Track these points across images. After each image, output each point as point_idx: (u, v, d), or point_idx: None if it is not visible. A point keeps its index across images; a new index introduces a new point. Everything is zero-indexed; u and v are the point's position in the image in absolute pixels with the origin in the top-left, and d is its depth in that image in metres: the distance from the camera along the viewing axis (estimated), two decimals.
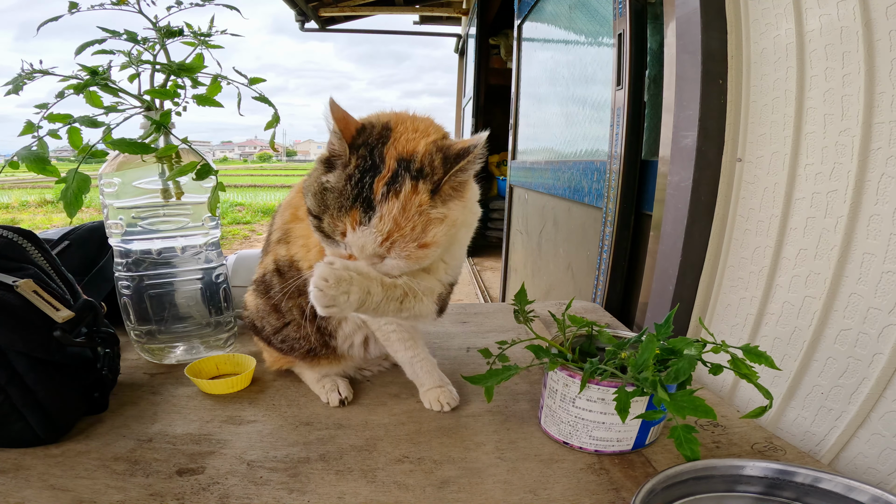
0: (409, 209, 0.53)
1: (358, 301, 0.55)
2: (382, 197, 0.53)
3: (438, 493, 0.54)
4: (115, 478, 0.55)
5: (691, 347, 0.56)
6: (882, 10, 0.58)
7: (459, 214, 0.57)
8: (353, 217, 0.54)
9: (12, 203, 9.20)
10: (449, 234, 0.57)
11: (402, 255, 0.55)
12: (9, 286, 0.59)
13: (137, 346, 0.85)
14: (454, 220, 0.57)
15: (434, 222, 0.55)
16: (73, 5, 0.72)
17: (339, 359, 0.76)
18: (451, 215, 0.56)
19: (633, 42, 1.19)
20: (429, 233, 0.55)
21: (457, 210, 0.57)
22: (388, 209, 0.53)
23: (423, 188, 0.54)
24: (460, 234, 0.65)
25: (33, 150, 0.65)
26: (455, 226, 0.57)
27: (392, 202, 0.53)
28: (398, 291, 0.59)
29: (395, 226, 0.53)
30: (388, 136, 0.56)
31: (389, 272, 0.58)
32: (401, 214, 0.53)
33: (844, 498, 0.46)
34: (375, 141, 0.56)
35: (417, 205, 0.53)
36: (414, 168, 0.54)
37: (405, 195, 0.53)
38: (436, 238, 0.55)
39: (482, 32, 4.49)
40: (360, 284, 0.55)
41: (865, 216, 0.61)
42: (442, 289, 0.66)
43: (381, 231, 0.53)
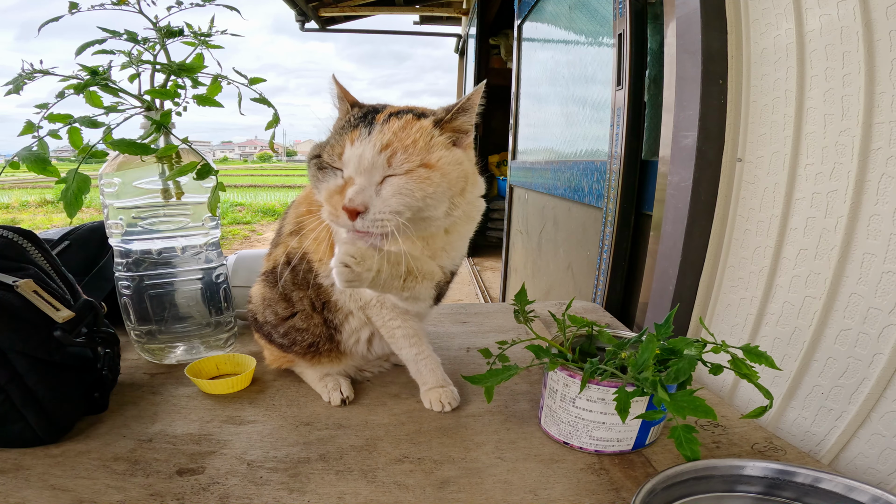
0: (411, 127, 0.54)
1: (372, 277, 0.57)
2: (384, 121, 0.55)
3: (438, 493, 0.54)
4: (115, 478, 0.55)
5: (691, 347, 0.56)
6: (882, 10, 0.58)
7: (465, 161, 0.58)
8: (353, 135, 0.54)
9: (12, 203, 9.20)
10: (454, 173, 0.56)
11: (403, 169, 0.53)
12: (9, 286, 0.59)
13: (137, 346, 0.85)
14: (460, 160, 0.57)
15: (438, 146, 0.55)
16: (73, 5, 0.72)
17: (341, 356, 0.76)
18: (457, 153, 0.57)
19: (633, 42, 1.19)
20: (433, 153, 0.54)
21: (462, 155, 0.57)
22: (389, 125, 0.54)
23: (426, 121, 0.55)
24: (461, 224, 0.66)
25: (34, 151, 0.65)
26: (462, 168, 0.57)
27: (393, 122, 0.54)
28: (401, 269, 0.60)
29: (394, 136, 0.53)
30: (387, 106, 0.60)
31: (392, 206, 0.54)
32: (402, 130, 0.54)
33: (844, 498, 0.46)
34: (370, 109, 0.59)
35: (420, 126, 0.55)
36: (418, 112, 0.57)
37: (407, 120, 0.55)
38: (441, 162, 0.55)
39: (482, 32, 4.49)
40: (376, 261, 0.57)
41: (865, 216, 0.61)
42: (441, 276, 0.67)
43: (380, 139, 0.53)
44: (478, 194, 0.66)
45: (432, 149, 0.54)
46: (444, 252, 0.67)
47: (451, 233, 0.66)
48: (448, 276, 0.70)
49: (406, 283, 0.62)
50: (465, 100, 0.56)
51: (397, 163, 0.53)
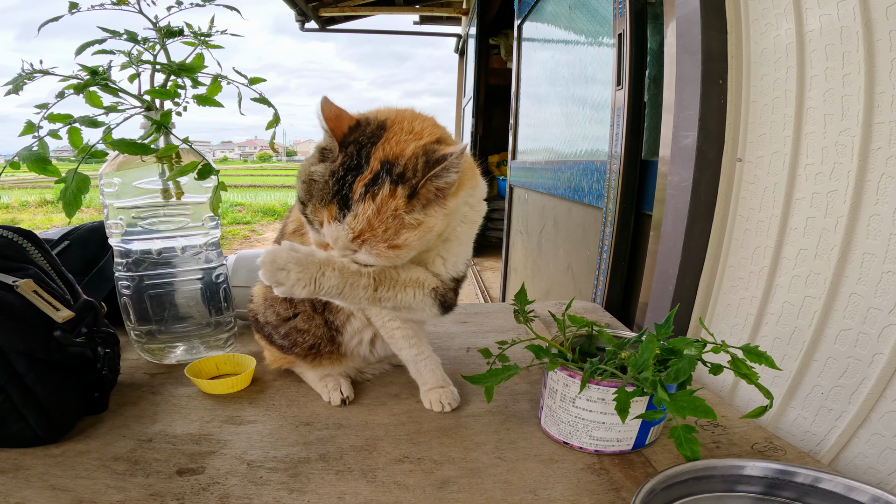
0: (384, 212, 0.54)
1: (304, 284, 0.58)
2: (360, 197, 0.54)
3: (438, 493, 0.54)
4: (115, 478, 0.55)
5: (691, 347, 0.56)
6: (882, 10, 0.58)
7: (438, 222, 0.57)
8: (331, 211, 0.55)
9: (12, 203, 9.20)
10: (424, 239, 0.57)
11: (372, 253, 0.56)
12: (9, 286, 0.59)
13: (137, 346, 0.85)
14: (430, 227, 0.57)
15: (408, 227, 0.56)
16: (73, 5, 0.72)
17: (342, 358, 0.76)
18: (428, 222, 0.57)
19: (633, 42, 1.19)
20: (401, 236, 0.56)
21: (436, 217, 0.57)
22: (363, 209, 0.54)
23: (401, 193, 0.54)
24: (460, 230, 0.65)
25: (34, 151, 0.65)
26: (431, 232, 0.57)
27: (368, 203, 0.54)
28: (363, 280, 0.60)
29: (367, 226, 0.54)
30: (379, 136, 0.57)
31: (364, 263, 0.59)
32: (375, 216, 0.54)
33: (844, 498, 0.46)
34: (367, 140, 0.57)
35: (393, 209, 0.54)
36: (396, 172, 0.54)
37: (382, 198, 0.54)
38: (407, 242, 0.56)
39: (482, 32, 4.49)
40: (306, 268, 0.57)
41: (865, 216, 0.61)
42: (437, 283, 0.66)
43: (353, 229, 0.55)
44: (479, 198, 0.66)
45: (401, 232, 0.55)
46: (441, 258, 0.66)
47: (450, 239, 0.65)
48: (450, 284, 0.68)
49: (380, 293, 0.62)
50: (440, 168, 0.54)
51: (367, 249, 0.56)
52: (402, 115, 0.60)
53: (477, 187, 0.65)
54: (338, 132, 0.58)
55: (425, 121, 0.60)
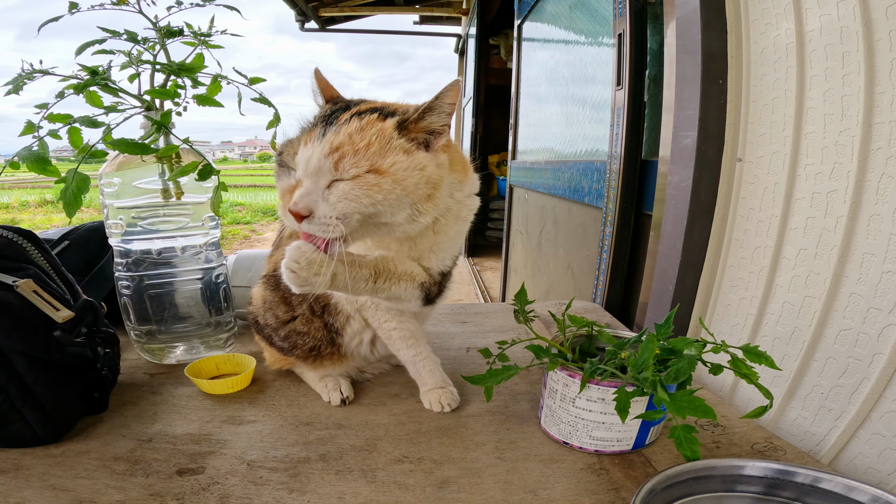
0: (369, 129, 0.52)
1: (326, 281, 0.56)
2: (346, 121, 0.53)
3: (438, 493, 0.54)
4: (115, 478, 0.55)
5: (691, 347, 0.56)
6: (882, 10, 0.58)
7: (430, 165, 0.54)
8: (309, 135, 0.53)
9: (12, 203, 9.20)
10: (412, 177, 0.53)
11: (350, 174, 0.51)
12: (9, 286, 0.59)
13: (137, 346, 0.85)
14: (421, 164, 0.53)
15: (396, 150, 0.52)
16: (73, 5, 0.72)
17: (343, 359, 0.76)
18: (419, 157, 0.53)
19: (633, 42, 1.19)
20: (387, 157, 0.52)
21: (425, 161, 0.54)
22: (346, 127, 0.52)
23: (390, 122, 0.53)
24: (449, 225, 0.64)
25: (34, 151, 0.65)
26: (424, 173, 0.53)
27: (353, 123, 0.52)
28: (364, 271, 0.59)
29: (347, 139, 0.51)
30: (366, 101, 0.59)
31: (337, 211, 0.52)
32: (357, 132, 0.51)
33: (844, 498, 0.46)
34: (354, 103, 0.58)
35: (379, 129, 0.52)
36: (388, 110, 0.54)
37: (369, 120, 0.53)
38: (394, 168, 0.51)
39: (482, 32, 4.49)
40: (328, 265, 0.55)
41: (865, 216, 0.61)
42: (426, 278, 0.66)
43: (331, 142, 0.51)
44: (468, 193, 0.65)
45: (387, 153, 0.52)
46: (432, 253, 0.66)
47: (439, 233, 0.64)
48: (435, 278, 0.67)
49: (378, 285, 0.61)
50: (433, 98, 0.53)
51: (344, 167, 0.51)
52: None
53: (466, 183, 0.64)
54: (326, 93, 0.60)
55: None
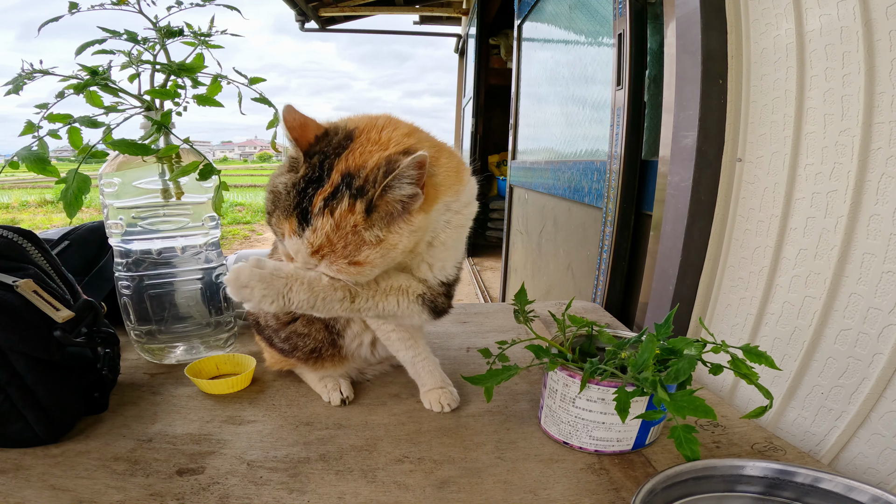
0: (343, 227, 0.53)
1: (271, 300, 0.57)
2: (319, 211, 0.53)
3: (438, 493, 0.54)
4: (115, 478, 0.55)
5: (691, 347, 0.56)
6: (882, 10, 0.58)
7: (403, 239, 0.55)
8: (291, 225, 0.55)
9: (12, 203, 9.20)
10: (388, 256, 0.56)
11: (332, 269, 0.56)
12: (9, 286, 0.59)
13: (137, 346, 0.85)
14: (393, 245, 0.55)
15: (368, 244, 0.54)
16: (73, 5, 0.72)
17: (344, 360, 0.75)
18: (391, 239, 0.55)
19: (633, 42, 1.19)
20: (361, 253, 0.54)
21: (400, 234, 0.55)
22: (321, 224, 0.53)
23: (359, 207, 0.53)
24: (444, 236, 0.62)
25: (33, 151, 0.65)
26: (396, 249, 0.55)
27: (326, 218, 0.53)
28: (338, 293, 0.59)
29: (326, 241, 0.53)
30: (345, 147, 0.55)
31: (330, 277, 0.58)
32: (333, 231, 0.53)
33: (844, 498, 0.46)
34: (332, 150, 0.55)
35: (352, 224, 0.53)
36: (356, 185, 0.53)
37: (340, 213, 0.53)
38: (369, 259, 0.55)
39: (482, 32, 4.50)
40: (270, 285, 0.57)
41: (865, 216, 0.61)
42: (424, 289, 0.64)
43: (311, 244, 0.54)
44: (465, 202, 0.62)
45: (361, 249, 0.54)
46: (427, 264, 0.64)
47: (436, 245, 0.62)
48: (437, 289, 0.65)
49: (358, 304, 0.61)
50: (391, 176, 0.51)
51: (327, 264, 0.56)
52: (373, 123, 0.58)
53: (462, 192, 0.62)
54: (303, 142, 0.56)
55: (397, 129, 0.57)
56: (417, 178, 0.53)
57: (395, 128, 0.57)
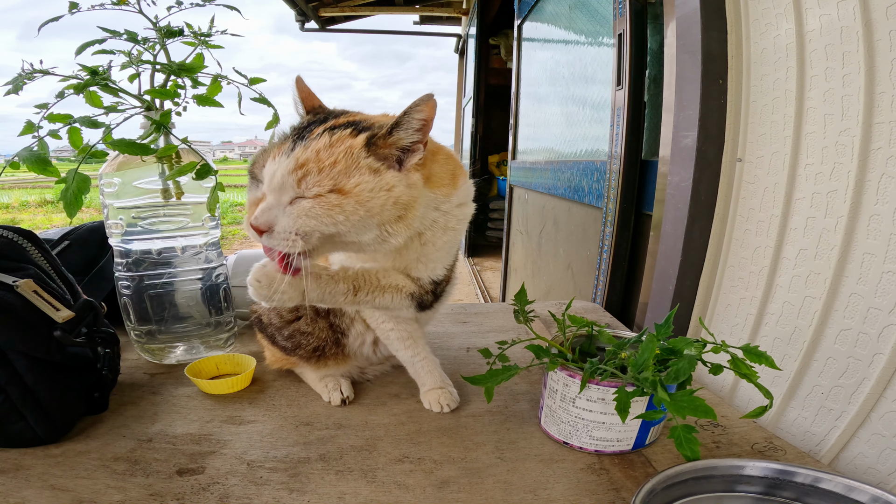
0: (338, 146, 0.51)
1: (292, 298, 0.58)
2: (317, 136, 0.52)
3: (438, 493, 0.54)
4: (115, 478, 0.55)
5: (691, 347, 0.56)
6: (882, 10, 0.58)
7: (399, 185, 0.53)
8: (278, 149, 0.53)
9: (12, 203, 9.20)
10: (379, 198, 0.52)
11: (312, 193, 0.51)
12: (9, 286, 0.59)
13: (137, 346, 0.85)
14: (389, 185, 0.52)
15: (362, 169, 0.51)
16: (73, 5, 0.72)
17: (346, 359, 0.76)
18: (387, 177, 0.52)
19: (633, 42, 1.19)
20: (352, 177, 0.51)
21: (398, 180, 0.53)
22: (315, 143, 0.52)
23: (361, 137, 0.52)
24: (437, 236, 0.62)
25: (34, 151, 0.65)
26: (392, 194, 0.52)
27: (323, 138, 0.52)
28: (342, 286, 0.60)
29: (313, 156, 0.51)
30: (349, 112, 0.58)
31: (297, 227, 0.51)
32: (326, 149, 0.51)
33: (844, 498, 0.46)
34: (334, 114, 0.58)
35: (349, 146, 0.51)
36: (362, 125, 0.54)
37: (339, 136, 0.52)
38: (358, 189, 0.51)
39: (482, 32, 4.49)
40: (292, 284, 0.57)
41: (865, 216, 0.61)
42: (415, 288, 0.65)
43: (297, 158, 0.51)
44: (457, 203, 0.62)
45: (352, 173, 0.51)
46: (420, 263, 0.64)
47: (426, 244, 0.63)
48: (426, 287, 0.66)
49: (360, 297, 0.62)
50: (401, 113, 0.51)
51: (307, 185, 0.51)
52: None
53: (455, 193, 0.61)
54: (307, 103, 0.59)
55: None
56: (422, 126, 0.53)
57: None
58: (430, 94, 0.51)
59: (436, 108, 0.52)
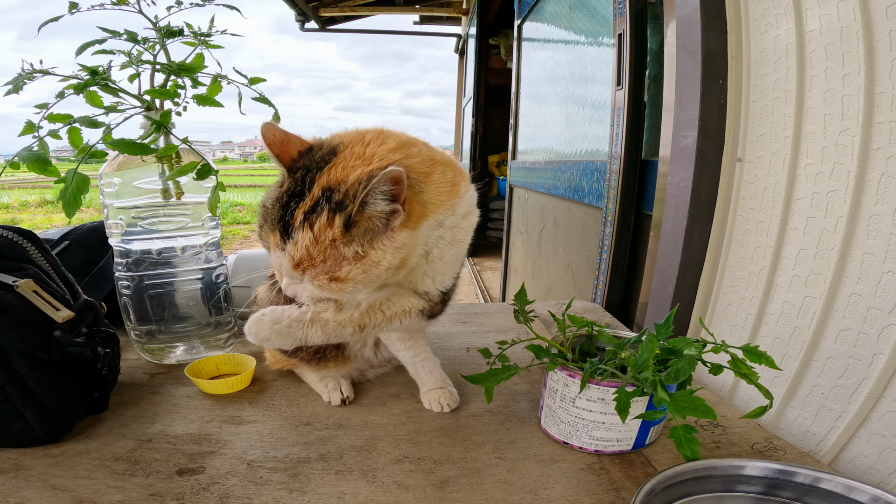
0: (322, 241, 0.52)
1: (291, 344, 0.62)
2: (300, 224, 0.53)
3: (438, 493, 0.54)
4: (115, 478, 0.55)
5: (691, 347, 0.56)
6: (882, 10, 0.58)
7: (387, 256, 0.54)
8: (274, 238, 0.55)
9: (12, 203, 9.20)
10: (371, 273, 0.54)
11: (315, 284, 0.55)
12: (9, 286, 0.59)
13: (137, 346, 0.85)
14: (376, 261, 0.53)
15: (347, 260, 0.53)
16: (73, 5, 0.72)
17: (347, 361, 0.76)
18: (373, 255, 0.53)
19: (633, 42, 1.19)
20: (342, 269, 0.53)
21: (384, 250, 0.53)
22: (301, 238, 0.53)
23: (338, 222, 0.52)
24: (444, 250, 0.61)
25: (34, 151, 0.65)
26: (379, 266, 0.54)
27: (306, 232, 0.52)
28: (349, 329, 0.62)
29: (306, 254, 0.53)
30: (328, 161, 0.55)
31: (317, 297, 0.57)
32: (312, 245, 0.52)
33: (844, 498, 0.46)
34: (314, 165, 0.55)
35: (330, 238, 0.52)
36: (335, 199, 0.52)
37: (319, 227, 0.52)
38: (351, 276, 0.53)
39: (482, 32, 4.50)
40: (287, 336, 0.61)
41: (865, 216, 0.61)
42: (424, 304, 0.65)
43: (293, 258, 0.54)
44: (462, 214, 0.61)
45: (342, 265, 0.53)
46: (428, 278, 0.64)
47: (434, 260, 0.62)
48: (436, 299, 0.66)
49: (367, 331, 0.64)
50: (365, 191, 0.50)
51: (310, 277, 0.55)
52: (360, 137, 0.57)
53: (457, 206, 0.60)
54: (285, 158, 0.56)
55: (384, 144, 0.56)
56: (394, 194, 0.51)
57: (382, 142, 0.56)
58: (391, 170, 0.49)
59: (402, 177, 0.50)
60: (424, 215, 0.56)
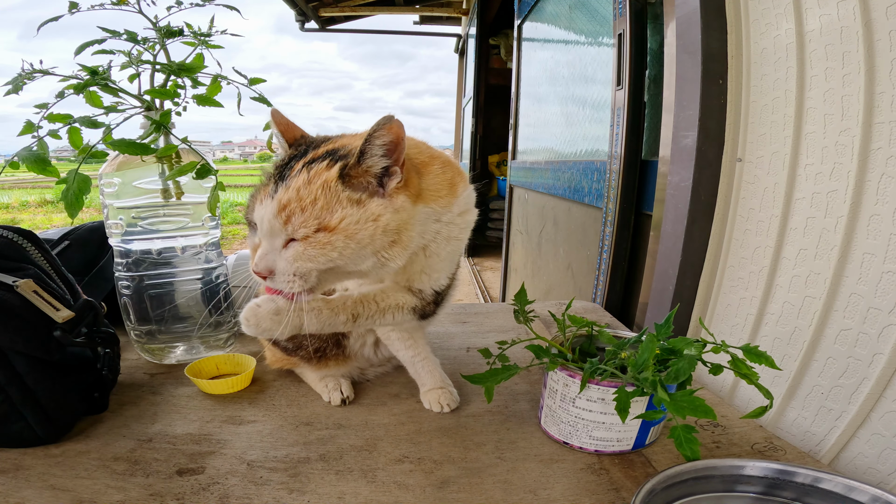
0: (315, 182, 0.50)
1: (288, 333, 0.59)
2: (297, 172, 0.52)
3: (438, 493, 0.54)
4: (115, 478, 0.55)
5: (691, 347, 0.56)
6: (882, 10, 0.58)
7: (386, 213, 0.52)
8: (265, 191, 0.53)
9: (12, 203, 9.20)
10: (367, 229, 0.51)
11: (300, 234, 0.50)
12: (9, 286, 0.59)
13: (137, 346, 0.85)
14: (375, 214, 0.51)
15: (343, 203, 0.50)
16: (73, 5, 0.72)
17: (347, 359, 0.76)
18: (371, 207, 0.51)
19: (633, 42, 1.19)
20: (335, 213, 0.50)
21: (383, 207, 0.52)
22: (295, 181, 0.51)
23: (336, 167, 0.51)
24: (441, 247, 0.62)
25: (33, 151, 0.65)
26: (379, 223, 0.51)
27: (302, 175, 0.51)
28: (342, 316, 0.61)
29: (295, 195, 0.50)
30: (329, 140, 0.57)
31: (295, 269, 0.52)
32: (305, 186, 0.50)
33: (844, 498, 0.46)
34: (316, 143, 0.57)
35: (325, 180, 0.50)
36: (339, 154, 0.53)
37: (316, 170, 0.51)
38: (344, 224, 0.50)
39: (482, 32, 4.50)
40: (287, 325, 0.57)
41: (865, 216, 0.61)
42: (416, 302, 0.65)
43: (280, 201, 0.51)
44: (459, 212, 0.61)
45: (334, 208, 0.50)
46: (424, 275, 0.64)
47: (431, 256, 0.62)
48: (428, 299, 0.66)
49: (360, 322, 0.62)
50: (363, 142, 0.50)
51: (293, 226, 0.50)
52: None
53: (455, 203, 0.60)
54: (288, 135, 0.59)
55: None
56: (390, 149, 0.51)
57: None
58: (389, 117, 0.49)
59: (401, 128, 0.50)
60: (422, 197, 0.57)
